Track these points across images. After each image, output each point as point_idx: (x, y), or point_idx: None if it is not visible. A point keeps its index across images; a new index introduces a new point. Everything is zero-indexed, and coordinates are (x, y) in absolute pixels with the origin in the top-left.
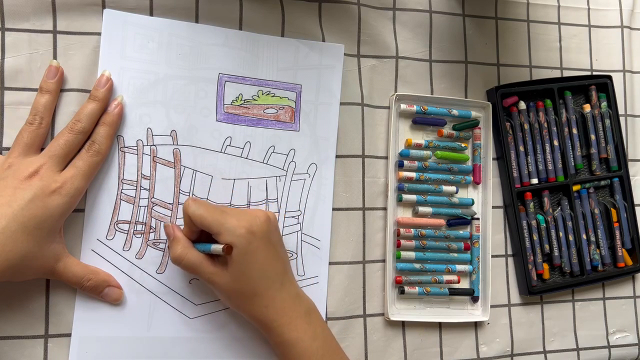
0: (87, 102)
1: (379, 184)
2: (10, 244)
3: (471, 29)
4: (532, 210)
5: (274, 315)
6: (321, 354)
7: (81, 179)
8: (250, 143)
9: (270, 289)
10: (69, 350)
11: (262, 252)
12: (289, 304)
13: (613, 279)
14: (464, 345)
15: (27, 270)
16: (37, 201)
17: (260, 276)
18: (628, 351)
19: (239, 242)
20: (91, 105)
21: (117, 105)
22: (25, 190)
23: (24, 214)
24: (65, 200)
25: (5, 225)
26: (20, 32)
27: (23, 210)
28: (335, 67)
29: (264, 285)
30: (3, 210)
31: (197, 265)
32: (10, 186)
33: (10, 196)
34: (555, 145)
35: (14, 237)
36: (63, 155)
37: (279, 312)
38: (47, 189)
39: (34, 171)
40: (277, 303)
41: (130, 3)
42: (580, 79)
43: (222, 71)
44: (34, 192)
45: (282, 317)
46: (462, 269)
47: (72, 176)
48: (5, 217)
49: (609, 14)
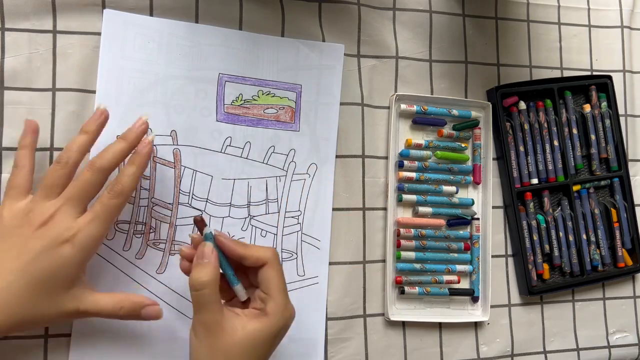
0: (116, 142)
1: (379, 184)
2: (14, 299)
3: (471, 29)
4: (532, 210)
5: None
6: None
7: (98, 225)
8: (250, 143)
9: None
10: (69, 350)
11: (275, 345)
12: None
13: (613, 279)
14: (464, 346)
15: (40, 322)
16: (46, 253)
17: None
18: (628, 351)
19: (279, 321)
20: (119, 145)
21: (147, 144)
22: (36, 241)
23: (34, 267)
24: (77, 251)
25: (11, 281)
26: (20, 32)
27: (30, 264)
28: (335, 67)
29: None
30: (12, 265)
31: (212, 303)
32: (24, 235)
33: (21, 247)
34: (555, 145)
35: (20, 294)
36: (82, 197)
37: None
38: (59, 238)
39: (48, 217)
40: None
41: (130, 3)
42: (580, 79)
43: (222, 71)
44: (44, 243)
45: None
46: (462, 269)
47: (89, 222)
48: (12, 272)
49: (609, 14)
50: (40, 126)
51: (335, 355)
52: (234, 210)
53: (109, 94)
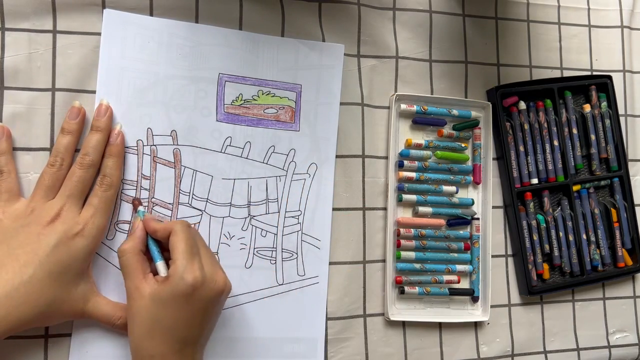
0: (91, 134)
1: (379, 184)
2: (36, 292)
3: (471, 29)
4: (532, 210)
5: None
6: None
7: (101, 217)
8: (250, 143)
9: (166, 344)
10: (69, 350)
11: (190, 310)
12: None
13: (613, 279)
14: (464, 345)
15: (55, 315)
16: (62, 246)
17: (170, 326)
18: (628, 351)
19: (178, 284)
20: (95, 136)
21: (118, 134)
22: (49, 236)
23: (49, 260)
24: (89, 241)
25: (32, 274)
26: (20, 31)
27: (49, 256)
28: (335, 67)
29: (165, 336)
30: (29, 258)
31: (132, 269)
32: (34, 232)
33: (35, 243)
34: (555, 145)
35: (41, 285)
36: (79, 194)
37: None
38: (70, 232)
39: (55, 215)
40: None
41: (130, 3)
42: (580, 79)
43: (222, 71)
44: (57, 237)
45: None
46: (462, 269)
47: (92, 215)
48: (31, 265)
49: (609, 14)
50: (40, 126)
51: (335, 355)
52: (234, 210)
53: (109, 94)
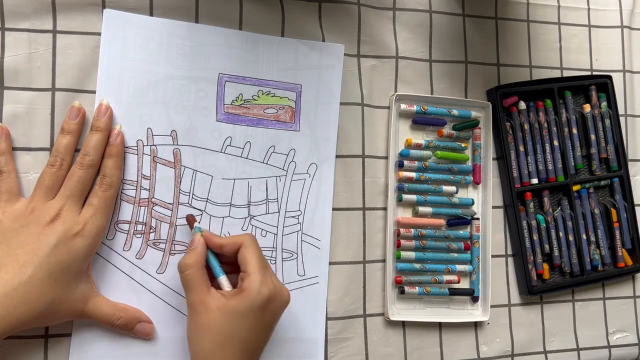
0: (91, 134)
1: (379, 184)
2: (36, 292)
3: (471, 29)
4: (532, 210)
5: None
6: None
7: (101, 217)
8: (250, 143)
9: (237, 356)
10: (69, 350)
11: (263, 322)
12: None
13: (613, 279)
14: (464, 345)
15: (55, 315)
16: (62, 246)
17: (243, 338)
18: (628, 351)
19: (255, 297)
20: (95, 136)
21: (117, 134)
22: (49, 236)
23: (49, 260)
24: (89, 241)
25: (31, 274)
26: (20, 31)
27: (49, 256)
28: (335, 67)
29: (237, 348)
30: (29, 258)
31: (197, 284)
32: (34, 232)
33: (35, 243)
34: (555, 145)
35: (41, 285)
36: (79, 194)
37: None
38: (69, 232)
39: (55, 215)
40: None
41: (130, 3)
42: (580, 79)
43: (222, 71)
44: (57, 237)
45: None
46: (462, 269)
47: (92, 215)
48: (31, 264)
49: (609, 14)
50: (40, 126)
51: (335, 355)
52: (234, 210)
53: (109, 94)
